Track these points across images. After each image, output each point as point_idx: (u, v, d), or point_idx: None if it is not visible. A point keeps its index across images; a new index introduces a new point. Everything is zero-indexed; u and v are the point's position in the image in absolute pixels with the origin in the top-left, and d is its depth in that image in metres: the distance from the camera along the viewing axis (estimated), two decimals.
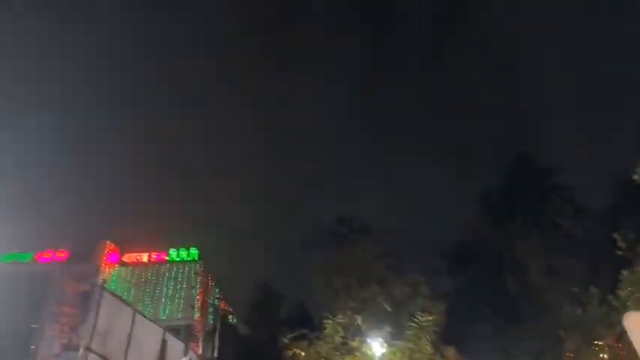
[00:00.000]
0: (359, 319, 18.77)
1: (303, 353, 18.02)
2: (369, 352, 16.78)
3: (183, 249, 54.78)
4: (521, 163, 31.16)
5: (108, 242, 53.24)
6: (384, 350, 16.69)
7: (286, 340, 18.29)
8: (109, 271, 52.17)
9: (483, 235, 32.20)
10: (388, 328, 18.67)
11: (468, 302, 31.26)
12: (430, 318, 18.03)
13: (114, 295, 7.64)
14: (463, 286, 33.38)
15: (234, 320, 53.36)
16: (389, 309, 22.24)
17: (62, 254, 50.37)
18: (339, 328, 18.08)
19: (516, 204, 29.88)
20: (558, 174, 30.24)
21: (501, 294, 30.73)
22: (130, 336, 7.20)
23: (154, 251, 54.92)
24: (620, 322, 15.81)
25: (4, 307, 40.07)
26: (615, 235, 16.79)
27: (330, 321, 18.48)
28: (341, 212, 35.95)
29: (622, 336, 16.32)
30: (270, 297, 39.17)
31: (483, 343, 27.08)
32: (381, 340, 17.03)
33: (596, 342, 18.14)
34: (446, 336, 19.41)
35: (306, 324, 20.45)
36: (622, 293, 15.26)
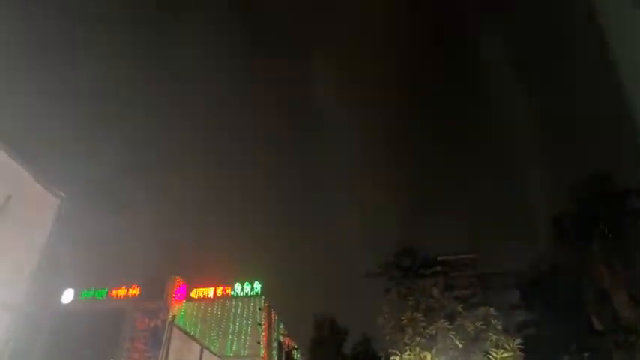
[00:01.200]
0: (428, 357, 17.88)
1: None
2: None
3: (248, 283, 55.52)
4: (594, 186, 29.03)
5: (177, 278, 55.08)
6: None
7: None
8: (177, 307, 53.81)
9: (558, 265, 30.14)
10: None
11: (547, 337, 29.10)
12: (506, 355, 16.87)
13: (183, 330, 7.76)
14: (540, 320, 31.21)
15: (299, 356, 52.82)
16: (460, 345, 21.10)
17: (135, 290, 52.68)
18: None
19: (593, 231, 27.76)
20: (637, 197, 27.92)
21: (584, 328, 28.32)
22: None
23: (220, 285, 56.07)
24: None
25: (82, 343, 42.29)
26: None
27: (397, 357, 17.77)
28: (407, 243, 35.12)
29: None
30: (335, 332, 38.52)
31: None
32: None
33: None
34: None
35: None
36: None
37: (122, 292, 52.63)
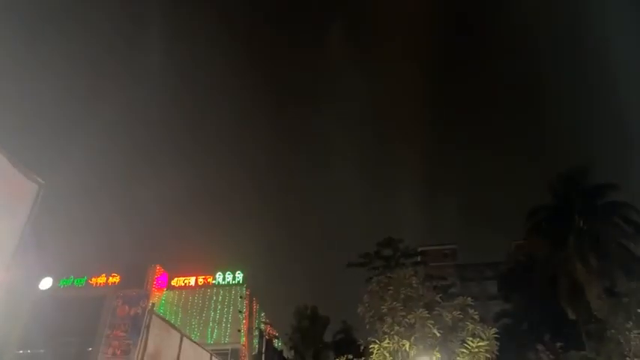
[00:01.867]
0: (406, 345, 18.22)
1: None
2: None
3: (230, 272, 55.52)
4: (570, 181, 29.77)
5: (158, 266, 54.76)
6: None
7: None
8: (158, 295, 53.57)
9: (535, 257, 30.89)
10: (437, 354, 18.02)
11: (522, 327, 29.90)
12: (481, 344, 17.29)
13: (163, 319, 7.80)
14: (516, 310, 32.02)
15: (280, 344, 53.21)
16: (438, 334, 21.52)
17: (115, 278, 52.26)
18: (386, 354, 17.62)
19: (569, 224, 28.51)
20: (613, 191, 28.73)
21: (558, 319, 29.15)
22: (178, 359, 7.31)
23: (201, 274, 55.96)
24: None
25: (60, 330, 41.86)
26: None
27: (376, 346, 18.07)
28: (387, 235, 35.53)
29: None
30: (315, 321, 38.87)
31: None
32: None
33: None
34: None
35: (352, 348, 20.06)
36: None
37: (102, 280, 52.16)
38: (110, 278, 52.21)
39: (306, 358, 36.00)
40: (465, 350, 17.65)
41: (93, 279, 52.37)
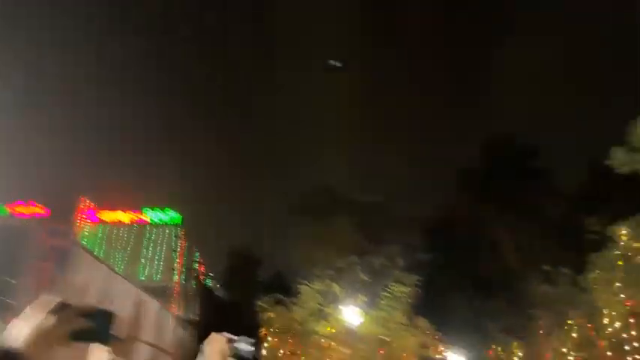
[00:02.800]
0: (336, 287, 19.13)
1: (277, 317, 18.37)
2: (343, 319, 17.21)
3: (163, 210, 54.53)
4: (499, 144, 31.45)
5: (86, 199, 52.63)
6: (360, 318, 17.14)
7: (262, 304, 18.57)
8: (86, 229, 51.89)
9: (460, 213, 32.76)
10: (363, 297, 19.09)
11: (444, 277, 32.06)
12: (403, 289, 18.50)
13: (90, 252, 7.61)
14: (439, 261, 34.14)
15: (212, 283, 53.93)
16: (365, 279, 22.70)
17: (41, 210, 49.81)
18: (316, 295, 18.44)
19: (494, 184, 30.35)
20: (537, 156, 30.66)
21: (476, 270, 31.59)
22: (105, 294, 7.22)
23: (132, 210, 54.54)
24: (588, 303, 16.53)
25: None
26: (587, 220, 17.35)
27: (306, 287, 18.82)
28: (323, 182, 36.14)
29: (592, 317, 16.96)
30: (248, 262, 39.54)
31: (457, 317, 27.94)
32: (355, 308, 17.44)
33: (568, 321, 18.76)
34: (420, 308, 19.95)
35: (283, 290, 20.79)
36: (591, 275, 15.78)
37: (25, 209, 49.53)
38: (35, 209, 49.66)
39: (238, 297, 36.86)
40: (388, 294, 18.82)
41: (15, 207, 49.57)
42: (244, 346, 1.79)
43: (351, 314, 17.08)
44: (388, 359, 16.90)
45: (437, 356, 18.70)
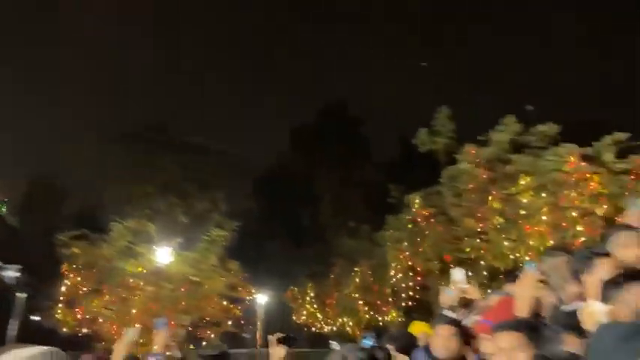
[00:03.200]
0: (151, 227, 18.45)
1: (81, 253, 17.01)
2: (155, 259, 16.81)
3: None
4: (333, 109, 33.86)
5: None
6: (170, 258, 16.90)
7: (63, 238, 16.92)
8: None
9: (291, 167, 34.50)
10: (179, 239, 18.88)
11: (265, 225, 33.53)
12: (221, 233, 18.83)
13: None
14: (264, 210, 35.51)
15: (4, 210, 46.94)
16: (185, 221, 22.41)
17: None
18: (128, 233, 17.52)
19: (324, 145, 32.64)
20: (363, 125, 33.88)
21: (295, 221, 33.91)
22: None
23: None
24: (380, 256, 19.30)
25: None
26: (391, 186, 20.01)
27: (119, 224, 17.75)
28: (158, 118, 33.98)
29: (379, 267, 19.76)
30: (50, 190, 35.37)
31: (270, 262, 29.74)
32: (169, 249, 17.14)
33: (355, 269, 21.57)
34: (236, 252, 20.55)
35: (92, 225, 19.17)
36: (385, 233, 18.39)
37: None
38: None
39: (35, 227, 32.81)
40: (206, 237, 18.92)
41: None
42: (10, 273, 1.64)
43: (164, 254, 16.76)
44: (196, 299, 17.23)
45: (244, 297, 19.76)
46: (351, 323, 21.96)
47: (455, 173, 15.50)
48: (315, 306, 24.14)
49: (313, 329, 24.98)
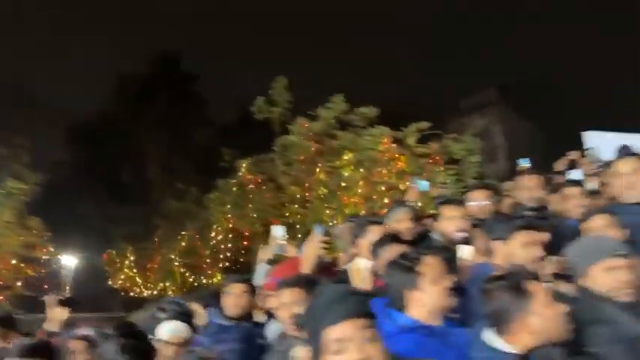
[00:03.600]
0: None
1: None
2: None
3: None
4: (165, 62, 31.36)
5: None
6: None
7: None
8: None
9: (114, 119, 31.24)
10: None
11: (80, 181, 30.08)
12: (22, 186, 16.40)
13: None
14: (79, 163, 31.77)
15: None
16: None
17: None
18: None
19: (152, 99, 30.28)
20: (197, 82, 32.06)
21: (115, 179, 31.05)
22: None
23: None
24: (204, 219, 19.04)
25: None
26: (223, 150, 19.77)
27: None
28: None
29: (203, 229, 19.52)
30: None
31: (84, 222, 26.98)
32: None
33: (182, 232, 20.91)
34: (40, 208, 18.14)
35: None
36: (211, 196, 18.30)
37: None
38: None
39: None
40: (2, 191, 16.28)
41: None
42: None
43: None
44: None
45: (43, 257, 17.66)
46: (174, 288, 21.40)
47: (287, 143, 16.11)
48: (134, 270, 22.81)
49: (132, 294, 23.64)
